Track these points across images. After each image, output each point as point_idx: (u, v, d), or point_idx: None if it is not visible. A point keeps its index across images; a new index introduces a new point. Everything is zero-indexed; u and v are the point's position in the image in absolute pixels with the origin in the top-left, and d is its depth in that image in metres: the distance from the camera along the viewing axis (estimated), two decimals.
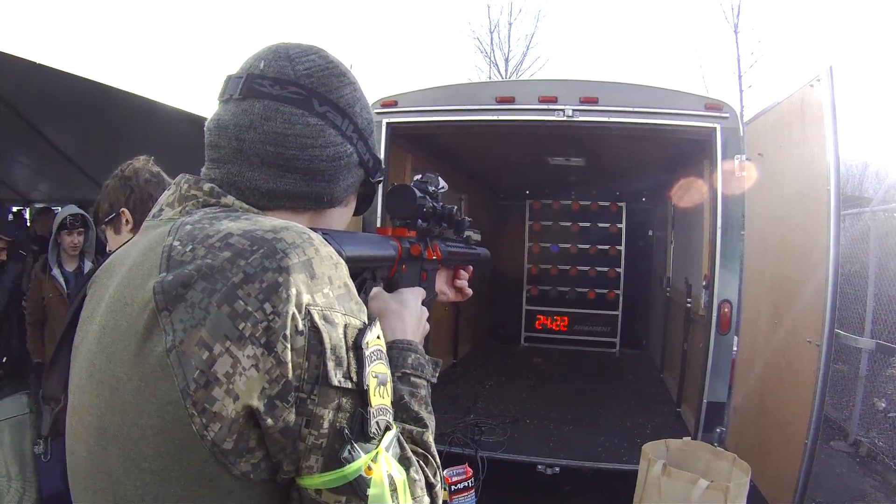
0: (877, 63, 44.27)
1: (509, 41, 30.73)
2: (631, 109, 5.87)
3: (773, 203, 5.74)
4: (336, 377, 1.09)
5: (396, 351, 1.51)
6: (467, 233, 2.21)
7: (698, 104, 5.87)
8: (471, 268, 2.21)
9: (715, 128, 5.74)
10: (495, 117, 6.18)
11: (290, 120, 1.32)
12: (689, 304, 7.56)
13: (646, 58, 44.12)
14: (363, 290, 1.58)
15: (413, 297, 1.71)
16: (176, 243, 1.16)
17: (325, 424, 1.09)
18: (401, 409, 1.38)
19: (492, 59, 30.78)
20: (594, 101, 5.91)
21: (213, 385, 1.04)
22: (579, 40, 49.78)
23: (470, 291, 2.18)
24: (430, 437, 1.39)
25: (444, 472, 4.83)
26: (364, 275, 1.58)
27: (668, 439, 4.94)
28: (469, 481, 5.01)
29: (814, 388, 4.71)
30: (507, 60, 30.57)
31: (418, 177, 1.94)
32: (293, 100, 1.33)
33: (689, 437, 5.24)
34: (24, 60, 5.25)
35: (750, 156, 5.66)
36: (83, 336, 1.25)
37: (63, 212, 5.98)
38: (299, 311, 1.07)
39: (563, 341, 12.06)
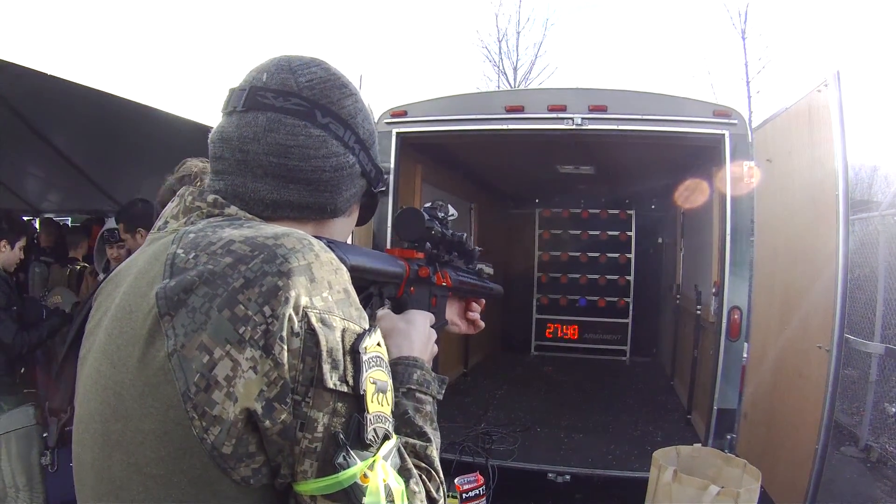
0: (886, 66, 44.02)
1: (517, 50, 30.63)
2: (640, 117, 5.86)
3: (782, 208, 5.76)
4: (331, 380, 1.11)
5: (402, 367, 1.52)
6: (479, 266, 2.23)
7: (707, 111, 5.87)
8: (483, 301, 2.21)
9: (724, 134, 5.73)
10: (504, 126, 6.17)
11: (293, 131, 1.34)
12: (699, 311, 7.55)
13: (654, 65, 44.11)
14: (369, 305, 1.58)
15: (421, 319, 1.71)
16: (179, 251, 1.19)
17: (320, 428, 1.10)
18: (405, 424, 1.39)
19: (500, 67, 30.70)
20: (603, 110, 5.92)
21: (213, 388, 1.06)
22: (588, 48, 49.71)
23: (482, 324, 2.18)
24: (433, 453, 1.39)
25: (456, 480, 4.85)
26: (370, 289, 1.59)
27: (679, 446, 4.94)
28: (480, 489, 5.01)
29: (824, 393, 4.72)
30: (515, 69, 30.49)
31: (428, 203, 1.96)
32: (296, 111, 1.35)
33: (700, 444, 5.24)
34: (34, 71, 5.28)
35: (758, 162, 5.68)
36: (89, 346, 1.28)
37: (105, 227, 6.12)
38: (296, 314, 1.09)
39: (573, 349, 12.03)
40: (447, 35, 58.23)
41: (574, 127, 5.93)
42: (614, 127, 5.93)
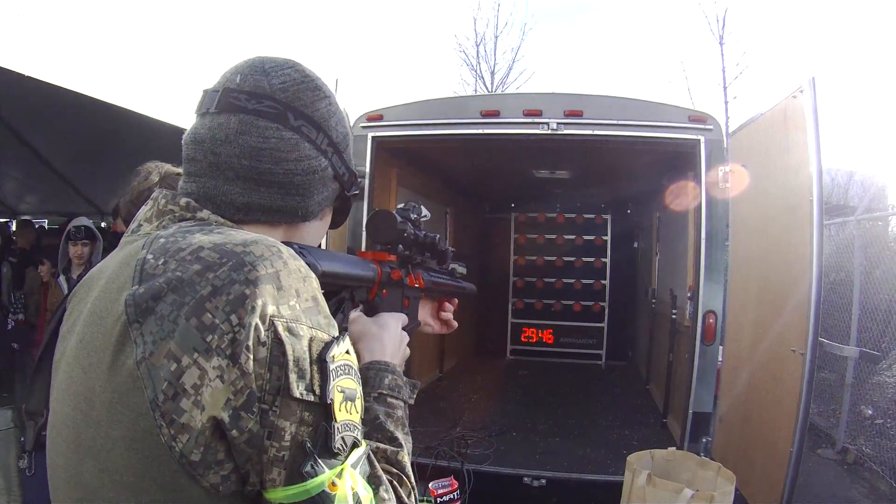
0: (863, 71, 44.39)
1: (495, 54, 30.65)
2: (615, 122, 5.88)
3: (757, 213, 5.78)
4: (298, 389, 1.10)
5: (373, 372, 1.52)
6: (452, 265, 2.23)
7: (682, 116, 5.90)
8: (456, 300, 2.22)
9: (699, 139, 5.75)
10: (480, 131, 6.18)
11: (265, 134, 1.33)
12: (674, 316, 7.58)
13: (632, 70, 44.15)
14: (341, 310, 1.59)
15: (393, 321, 1.72)
16: (149, 256, 1.18)
17: (287, 437, 1.09)
18: (376, 429, 1.41)
19: (478, 71, 30.71)
20: (579, 115, 5.93)
21: (181, 396, 1.05)
22: (565, 52, 49.82)
23: (455, 324, 2.19)
24: (405, 458, 1.39)
25: (430, 484, 4.83)
26: (342, 294, 1.59)
27: (654, 450, 4.95)
28: (455, 493, 4.99)
29: (798, 396, 4.73)
30: (493, 73, 30.52)
31: (401, 205, 1.96)
32: (268, 114, 1.34)
33: (675, 448, 5.25)
34: (14, 73, 5.25)
35: (734, 167, 5.69)
36: (63, 350, 1.26)
37: (71, 223, 6.11)
38: (263, 323, 1.08)
39: (549, 353, 12.04)
40: (425, 38, 58.28)
41: (549, 132, 5.93)
42: (590, 132, 5.94)
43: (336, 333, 1.20)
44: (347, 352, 1.21)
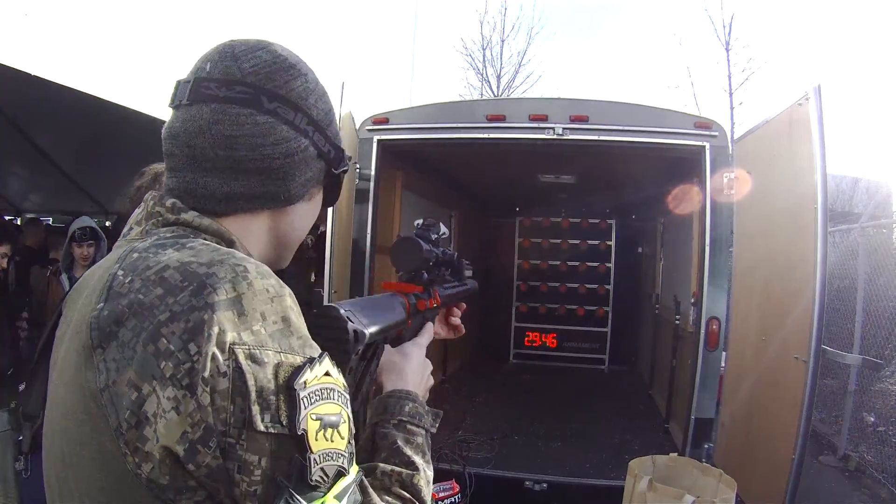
0: (870, 77, 44.29)
1: (501, 58, 30.58)
2: (621, 128, 5.87)
3: (761, 220, 5.78)
4: (262, 422, 1.05)
5: (394, 399, 1.50)
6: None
7: (688, 123, 5.90)
8: (464, 305, 2.20)
9: (704, 146, 5.75)
10: (486, 135, 6.17)
11: (238, 121, 1.29)
12: (677, 321, 7.58)
13: (638, 75, 44.04)
14: (377, 355, 1.57)
15: (417, 351, 1.69)
16: (119, 273, 1.16)
17: (257, 472, 1.05)
18: (393, 454, 1.38)
19: (484, 75, 30.64)
20: (584, 120, 5.92)
21: (143, 425, 1.03)
22: (572, 57, 49.76)
23: (463, 329, 2.17)
24: (420, 482, 1.36)
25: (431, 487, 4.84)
26: (377, 342, 1.56)
27: (655, 455, 4.94)
28: (456, 497, 5.00)
29: (801, 403, 4.73)
30: (499, 77, 30.45)
31: (419, 221, 1.93)
32: (240, 100, 1.30)
33: (677, 454, 5.24)
34: (19, 71, 5.27)
35: (739, 173, 5.69)
36: (56, 355, 1.25)
37: (74, 224, 6.09)
38: (223, 351, 1.04)
39: (552, 358, 11.99)
40: (431, 42, 58.17)
41: (555, 137, 5.93)
42: (595, 137, 5.94)
43: (313, 354, 1.15)
44: (327, 374, 1.14)
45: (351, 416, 1.18)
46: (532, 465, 6.35)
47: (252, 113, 1.30)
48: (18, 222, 12.54)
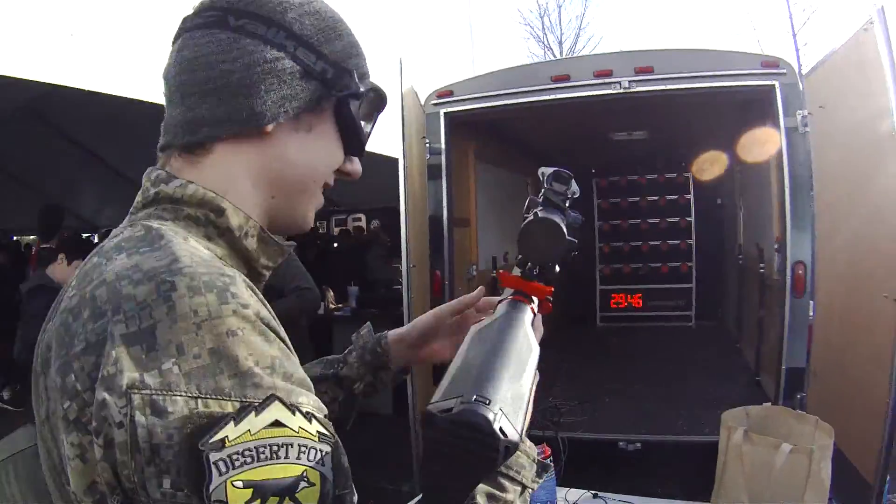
0: None
1: (560, 24, 30.51)
2: (686, 75, 5.78)
3: (839, 155, 5.62)
4: (159, 488, 0.84)
5: None
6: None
7: (754, 62, 5.76)
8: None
9: (773, 85, 5.60)
10: (552, 96, 6.13)
11: (199, 42, 1.15)
12: (762, 270, 7.42)
13: (698, 25, 43.37)
14: None
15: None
16: (73, 282, 1.05)
17: None
18: None
19: (546, 42, 30.60)
20: (649, 71, 5.85)
21: (64, 468, 0.92)
22: (631, 15, 49.21)
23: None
24: None
25: None
26: None
27: (748, 406, 4.85)
28: (548, 460, 4.97)
29: (893, 344, 4.60)
30: (560, 43, 30.37)
31: (545, 170, 1.55)
32: (205, 24, 1.16)
33: (770, 404, 5.14)
34: (77, 90, 5.33)
35: (812, 110, 5.54)
36: None
37: None
38: (119, 397, 0.85)
39: (638, 318, 11.96)
40: (488, 16, 58.00)
41: (622, 91, 5.87)
42: (662, 87, 5.85)
43: (258, 397, 0.88)
44: (276, 423, 0.87)
45: (335, 474, 0.91)
46: (625, 426, 6.36)
47: (213, 32, 1.16)
48: (96, 239, 12.85)
